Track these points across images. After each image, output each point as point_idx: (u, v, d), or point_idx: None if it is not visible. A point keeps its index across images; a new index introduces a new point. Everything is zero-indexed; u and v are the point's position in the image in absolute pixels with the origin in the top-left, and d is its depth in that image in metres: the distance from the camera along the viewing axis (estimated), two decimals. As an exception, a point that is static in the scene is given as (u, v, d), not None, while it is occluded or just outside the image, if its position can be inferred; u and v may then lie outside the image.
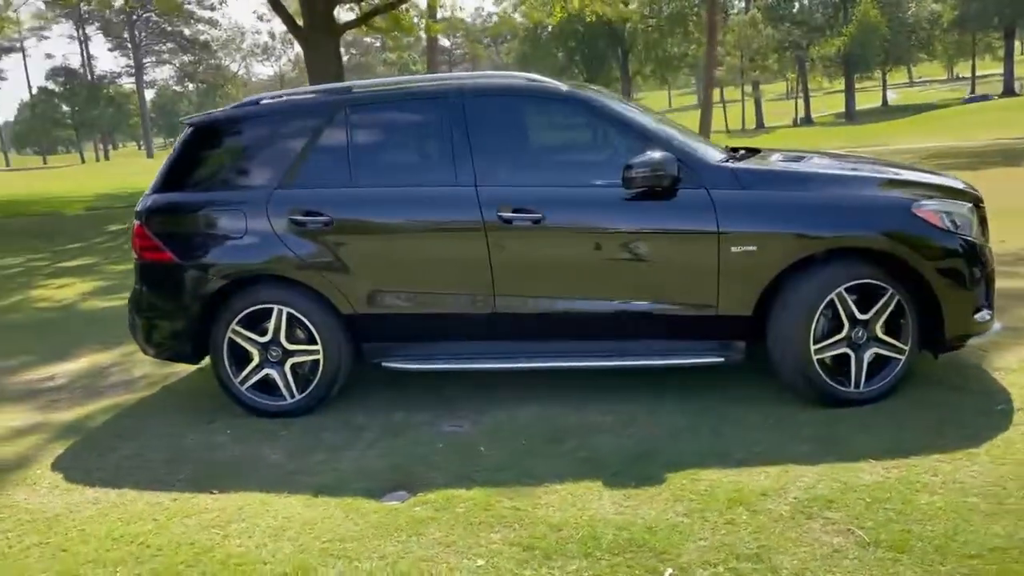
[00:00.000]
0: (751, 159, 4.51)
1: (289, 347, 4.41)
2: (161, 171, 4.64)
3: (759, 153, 4.86)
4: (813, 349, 3.97)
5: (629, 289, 4.16)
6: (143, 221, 4.58)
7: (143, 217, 4.59)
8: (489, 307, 4.25)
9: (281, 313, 4.37)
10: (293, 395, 4.45)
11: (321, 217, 4.31)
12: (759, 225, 3.99)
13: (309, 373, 4.45)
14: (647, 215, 4.10)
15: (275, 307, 4.37)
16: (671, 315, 4.14)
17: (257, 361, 4.44)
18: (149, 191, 4.66)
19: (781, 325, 4.00)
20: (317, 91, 4.73)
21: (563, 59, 58.92)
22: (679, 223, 4.07)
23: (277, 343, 4.41)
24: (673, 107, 79.87)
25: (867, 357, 4.03)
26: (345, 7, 19.74)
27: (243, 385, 4.47)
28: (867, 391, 4.04)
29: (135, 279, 4.73)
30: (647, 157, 3.94)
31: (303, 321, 4.37)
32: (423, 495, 3.48)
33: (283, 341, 4.41)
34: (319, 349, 4.38)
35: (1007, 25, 55.38)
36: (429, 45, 33.31)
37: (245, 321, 4.41)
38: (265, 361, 4.44)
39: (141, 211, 4.61)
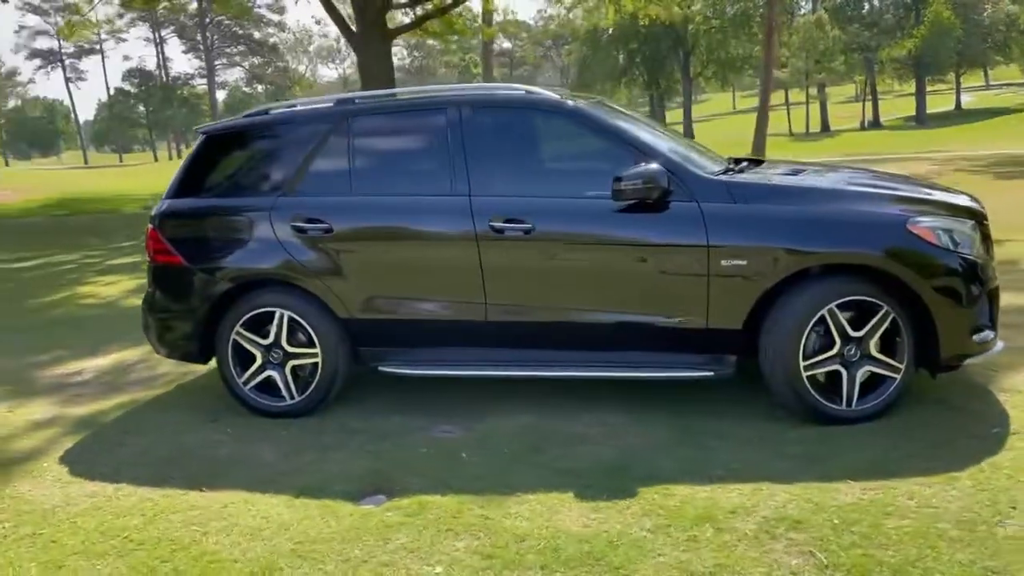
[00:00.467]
0: (748, 172, 4.47)
1: (290, 350, 4.53)
2: (175, 177, 4.82)
3: (762, 165, 4.81)
4: (803, 365, 3.92)
5: (619, 301, 4.17)
6: (156, 225, 4.76)
7: (156, 221, 4.77)
8: (481, 315, 4.30)
9: (282, 317, 4.50)
10: (293, 396, 4.57)
11: (321, 224, 4.42)
12: (749, 239, 3.95)
13: (309, 375, 4.56)
14: (637, 227, 4.09)
15: (277, 311, 4.50)
16: (661, 327, 4.13)
17: (260, 363, 4.58)
18: (164, 196, 4.84)
19: (771, 340, 3.96)
20: (323, 101, 4.84)
21: (624, 61, 58.45)
22: (669, 236, 4.06)
23: (278, 346, 4.53)
24: (737, 109, 78.58)
25: (860, 375, 3.96)
26: (400, 12, 20.02)
27: (246, 386, 4.60)
28: (859, 409, 3.96)
29: (148, 281, 4.91)
30: (636, 169, 3.94)
31: (303, 325, 4.48)
32: (398, 500, 3.55)
33: (284, 344, 4.53)
34: (318, 352, 4.49)
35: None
36: (485, 48, 33.54)
37: (249, 324, 4.55)
38: (267, 363, 4.57)
39: (155, 215, 4.80)
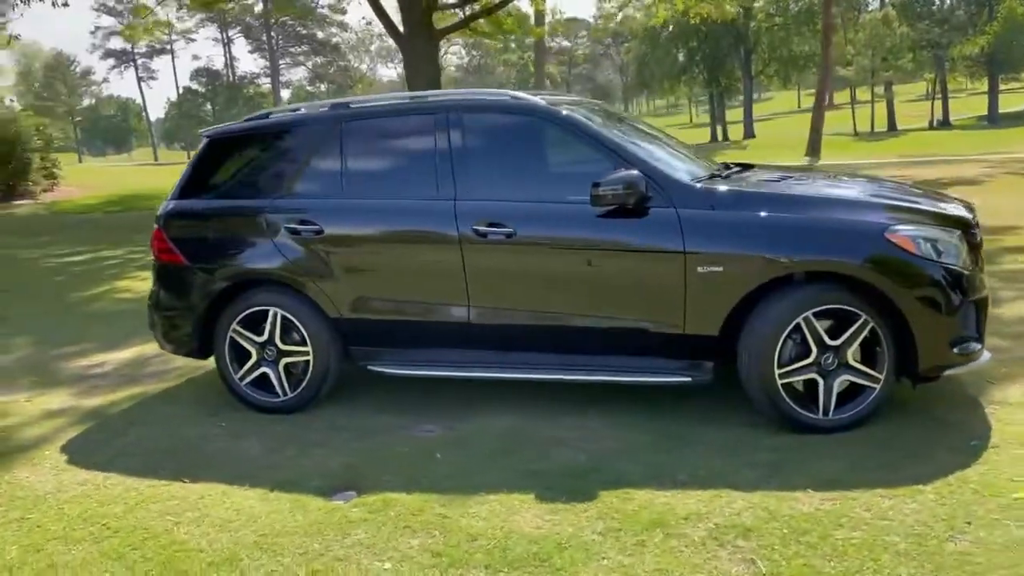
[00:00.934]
0: (731, 179, 4.43)
1: (283, 347, 4.67)
2: (180, 179, 5.00)
3: (751, 170, 4.77)
4: (778, 373, 3.89)
5: (598, 305, 4.19)
6: (161, 225, 4.95)
7: (161, 221, 4.96)
8: (464, 317, 4.37)
9: (276, 315, 4.64)
10: (285, 393, 4.71)
11: (313, 226, 4.55)
12: (725, 246, 3.94)
13: (301, 373, 4.69)
14: (616, 232, 4.11)
15: (271, 310, 4.65)
16: (639, 332, 4.14)
17: (255, 359, 4.73)
18: (168, 197, 5.03)
19: (747, 347, 3.94)
20: (321, 106, 4.97)
21: (683, 59, 57.82)
22: (646, 241, 4.06)
23: (272, 343, 4.68)
24: (801, 107, 76.96)
25: (837, 384, 3.91)
26: (448, 12, 20.19)
27: (242, 382, 4.76)
28: (835, 419, 3.92)
29: (152, 280, 5.11)
30: (614, 175, 3.96)
31: (295, 323, 4.62)
32: (366, 496, 3.64)
33: (278, 342, 4.67)
34: (309, 351, 4.62)
35: None
36: (537, 47, 33.60)
37: (245, 322, 4.70)
38: (262, 360, 4.72)
39: (160, 216, 4.99)
